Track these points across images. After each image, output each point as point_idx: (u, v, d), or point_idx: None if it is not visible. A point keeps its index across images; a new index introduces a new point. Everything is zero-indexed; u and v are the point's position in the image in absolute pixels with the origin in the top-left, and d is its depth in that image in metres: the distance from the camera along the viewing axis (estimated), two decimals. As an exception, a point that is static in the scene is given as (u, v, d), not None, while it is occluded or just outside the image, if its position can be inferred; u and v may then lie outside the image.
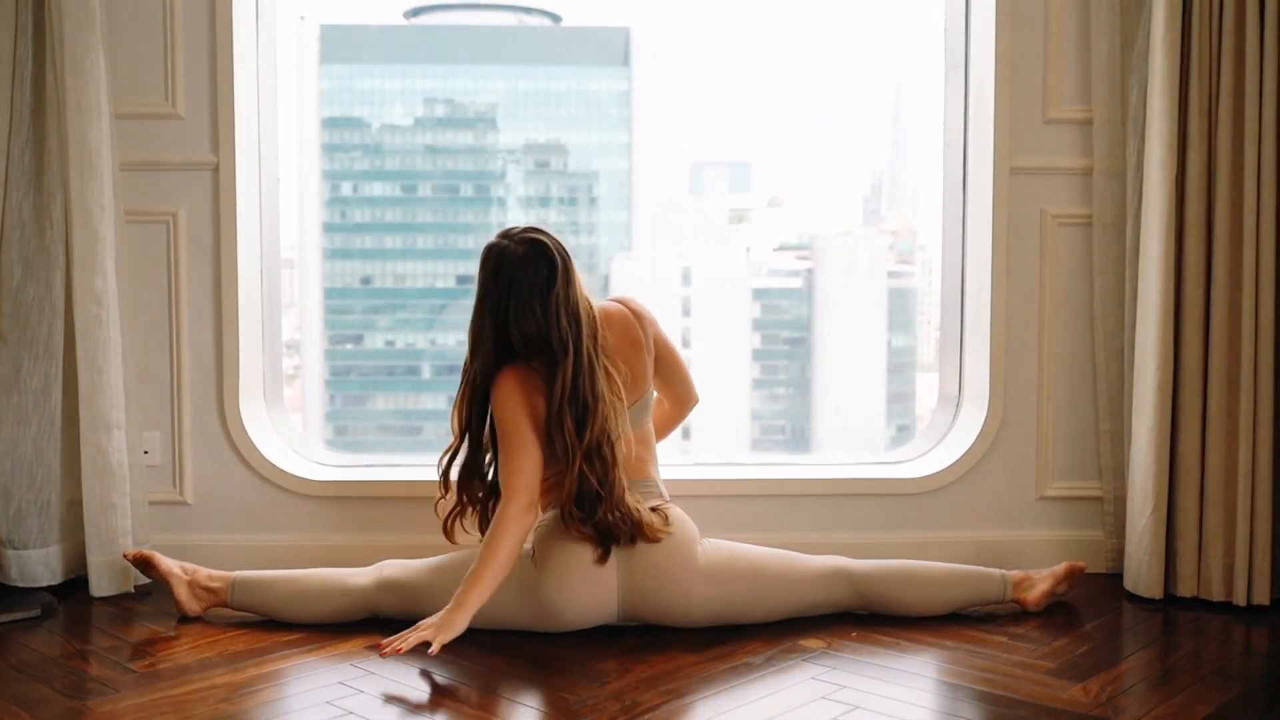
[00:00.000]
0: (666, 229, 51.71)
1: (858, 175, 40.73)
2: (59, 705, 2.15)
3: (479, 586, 2.39)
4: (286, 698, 2.21)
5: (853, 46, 50.62)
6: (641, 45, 52.47)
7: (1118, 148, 2.97)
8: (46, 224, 2.86)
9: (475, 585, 2.39)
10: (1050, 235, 3.07)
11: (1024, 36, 3.04)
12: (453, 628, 2.35)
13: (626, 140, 53.29)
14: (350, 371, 52.43)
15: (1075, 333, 3.09)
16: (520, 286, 2.48)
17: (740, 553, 2.60)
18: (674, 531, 2.52)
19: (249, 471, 3.08)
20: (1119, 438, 3.02)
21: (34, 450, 2.87)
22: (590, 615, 2.53)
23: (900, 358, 48.31)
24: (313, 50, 52.21)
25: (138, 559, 2.73)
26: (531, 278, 2.48)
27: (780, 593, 2.60)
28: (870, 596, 2.65)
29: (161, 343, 3.06)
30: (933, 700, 2.22)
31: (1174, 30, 2.77)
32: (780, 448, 45.43)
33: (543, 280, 2.48)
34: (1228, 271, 2.77)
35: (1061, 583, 2.75)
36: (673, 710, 2.13)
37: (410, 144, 53.25)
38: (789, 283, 49.30)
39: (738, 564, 2.58)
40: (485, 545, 2.44)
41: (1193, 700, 2.18)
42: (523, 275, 2.48)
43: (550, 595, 2.49)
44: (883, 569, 2.68)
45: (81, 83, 2.79)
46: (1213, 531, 2.79)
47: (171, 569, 2.68)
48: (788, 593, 2.60)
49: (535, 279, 2.48)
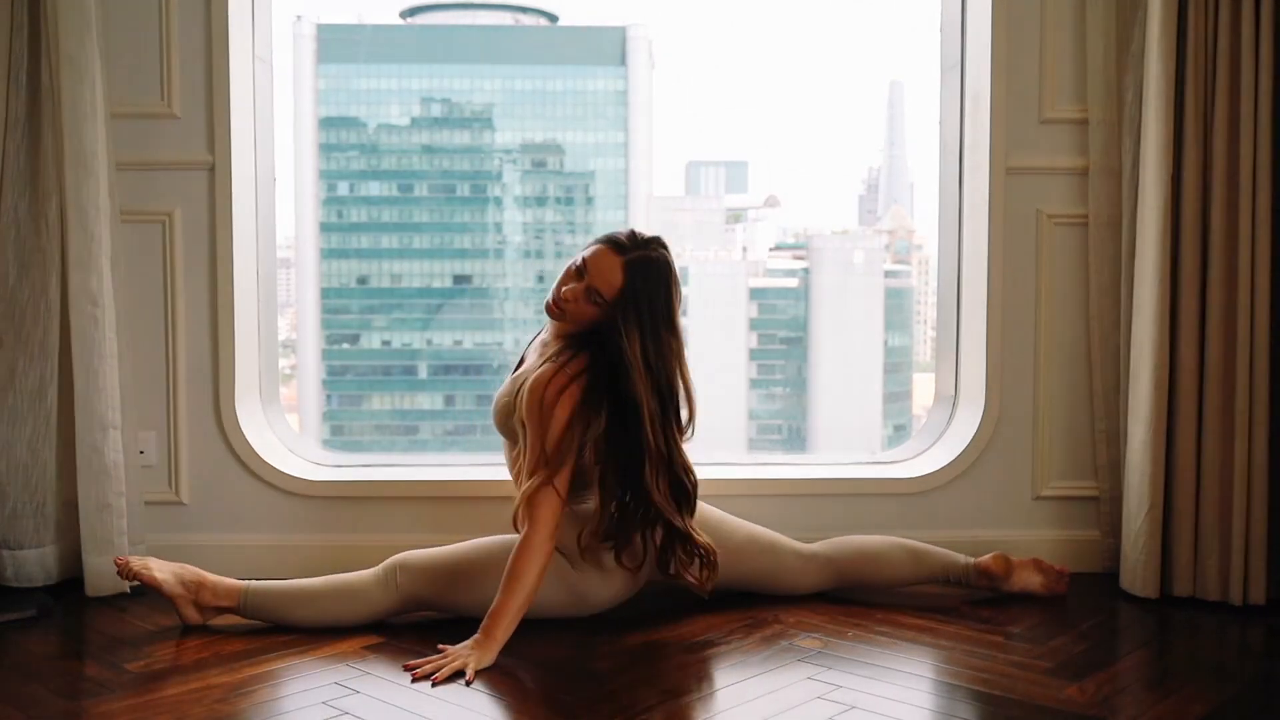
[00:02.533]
0: (663, 228, 51.20)
1: (854, 175, 40.57)
2: (54, 706, 2.15)
3: (507, 619, 2.36)
4: (282, 698, 2.21)
5: (849, 46, 50.64)
6: (638, 45, 52.35)
7: (1113, 148, 2.98)
8: (42, 224, 2.85)
9: (503, 618, 2.36)
10: (1046, 235, 3.08)
11: (1020, 36, 3.04)
12: (487, 657, 2.32)
13: (623, 140, 53.17)
14: (347, 371, 52.20)
15: (1071, 332, 3.09)
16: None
17: (731, 521, 2.77)
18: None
19: (245, 472, 3.08)
20: (1115, 437, 3.03)
21: (29, 451, 2.86)
22: (624, 598, 2.63)
23: (897, 357, 48.25)
24: (309, 50, 52.03)
25: (134, 575, 2.57)
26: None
27: (765, 560, 2.74)
28: (850, 576, 2.80)
29: (157, 343, 3.05)
30: (929, 700, 2.23)
31: (1169, 30, 2.77)
32: (777, 447, 45.49)
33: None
34: (1223, 271, 2.77)
35: (1039, 573, 2.84)
36: (670, 710, 2.13)
37: (407, 143, 53.04)
38: (786, 282, 49.22)
39: (726, 525, 2.74)
40: (511, 576, 2.38)
41: (1188, 700, 2.18)
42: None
43: (593, 591, 2.55)
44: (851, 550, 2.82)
45: (77, 82, 2.78)
46: (1209, 531, 2.79)
47: (175, 590, 2.56)
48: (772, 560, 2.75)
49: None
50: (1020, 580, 2.82)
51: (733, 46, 48.36)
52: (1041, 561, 2.86)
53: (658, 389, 2.44)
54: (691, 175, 57.83)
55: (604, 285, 2.44)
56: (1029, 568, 2.84)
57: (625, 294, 2.44)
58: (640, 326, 2.43)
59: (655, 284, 2.45)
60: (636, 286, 2.44)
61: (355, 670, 2.32)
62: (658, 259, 2.47)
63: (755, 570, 2.74)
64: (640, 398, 2.41)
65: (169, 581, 2.57)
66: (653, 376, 2.43)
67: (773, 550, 2.76)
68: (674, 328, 2.48)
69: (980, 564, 2.81)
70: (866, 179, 55.20)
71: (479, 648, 2.33)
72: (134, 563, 2.58)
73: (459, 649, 2.34)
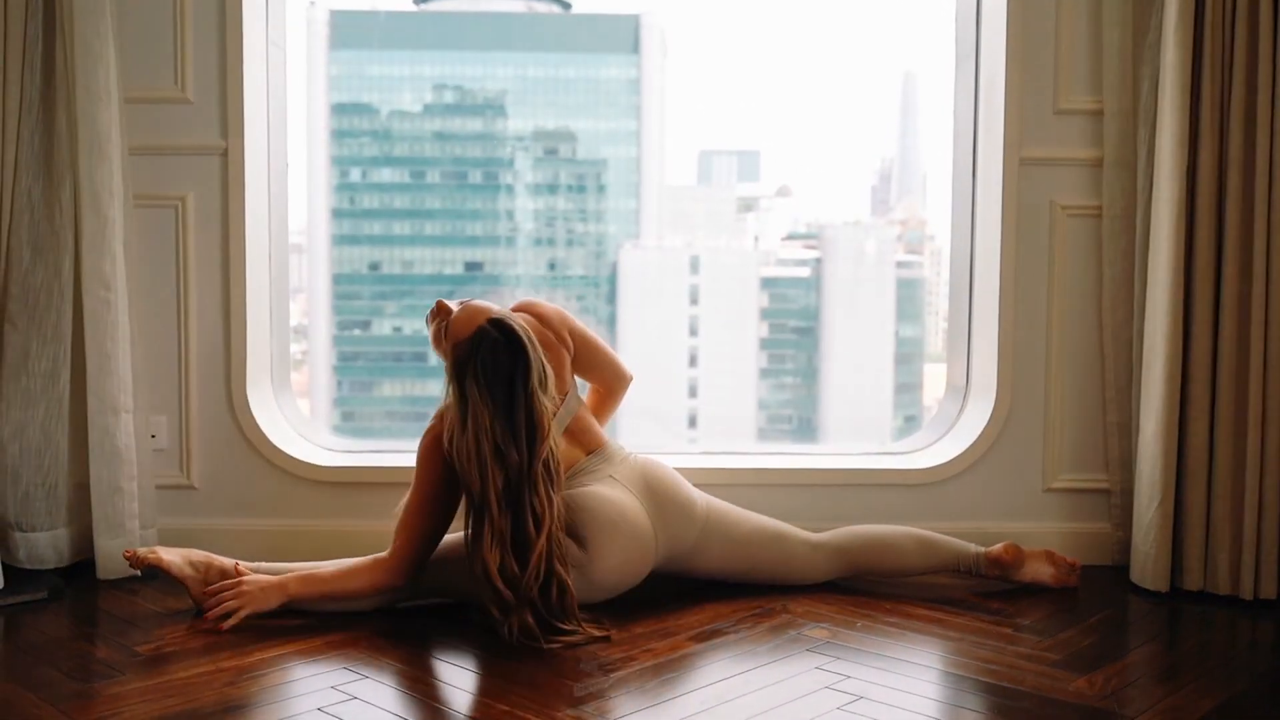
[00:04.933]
0: (675, 217, 51.46)
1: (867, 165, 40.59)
2: (66, 687, 2.16)
3: (312, 592, 2.52)
4: (293, 681, 2.21)
5: (863, 35, 50.42)
6: (651, 32, 52.22)
7: (1128, 138, 2.96)
8: (56, 208, 2.86)
9: (312, 589, 2.52)
10: (1060, 226, 3.06)
11: (1035, 26, 3.03)
12: (265, 604, 2.48)
13: (635, 128, 53.11)
14: (358, 357, 52.36)
15: (1084, 324, 3.08)
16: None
17: (738, 511, 2.77)
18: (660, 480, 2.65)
19: (256, 456, 3.09)
20: (1127, 430, 3.02)
21: (42, 433, 2.88)
22: (636, 581, 2.63)
23: (908, 348, 48.14)
24: (322, 36, 51.98)
25: (143, 563, 2.61)
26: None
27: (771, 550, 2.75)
28: (860, 565, 2.80)
29: (169, 327, 3.06)
30: (937, 691, 2.22)
31: (1186, 20, 2.75)
32: (787, 437, 45.43)
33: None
34: (1238, 264, 2.75)
35: (1049, 565, 2.84)
36: (676, 699, 2.13)
37: (419, 130, 53.07)
38: (797, 272, 49.16)
39: (733, 514, 2.75)
40: (347, 572, 2.53)
41: (1198, 694, 2.18)
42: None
43: (605, 577, 2.55)
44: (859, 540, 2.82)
45: (91, 66, 2.79)
46: (1220, 525, 2.78)
47: (184, 571, 2.60)
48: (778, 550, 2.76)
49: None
50: (1031, 571, 2.82)
51: (746, 35, 48.48)
52: (1054, 553, 2.85)
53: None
54: (704, 164, 57.73)
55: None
56: (1040, 558, 2.84)
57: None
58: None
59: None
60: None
61: (364, 653, 2.33)
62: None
63: (764, 560, 2.74)
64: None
65: (177, 564, 2.60)
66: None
67: (780, 540, 2.76)
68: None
69: (991, 553, 2.81)
70: (879, 169, 55.02)
71: (266, 593, 2.49)
72: (141, 550, 2.62)
73: (250, 583, 2.49)
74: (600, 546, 2.52)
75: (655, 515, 2.62)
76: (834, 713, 2.07)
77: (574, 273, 46.44)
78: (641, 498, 2.61)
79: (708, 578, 2.76)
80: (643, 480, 2.64)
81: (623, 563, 2.56)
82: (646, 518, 2.60)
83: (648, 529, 2.59)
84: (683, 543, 2.67)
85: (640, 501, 2.60)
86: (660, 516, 2.62)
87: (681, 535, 2.66)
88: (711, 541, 2.70)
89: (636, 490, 2.62)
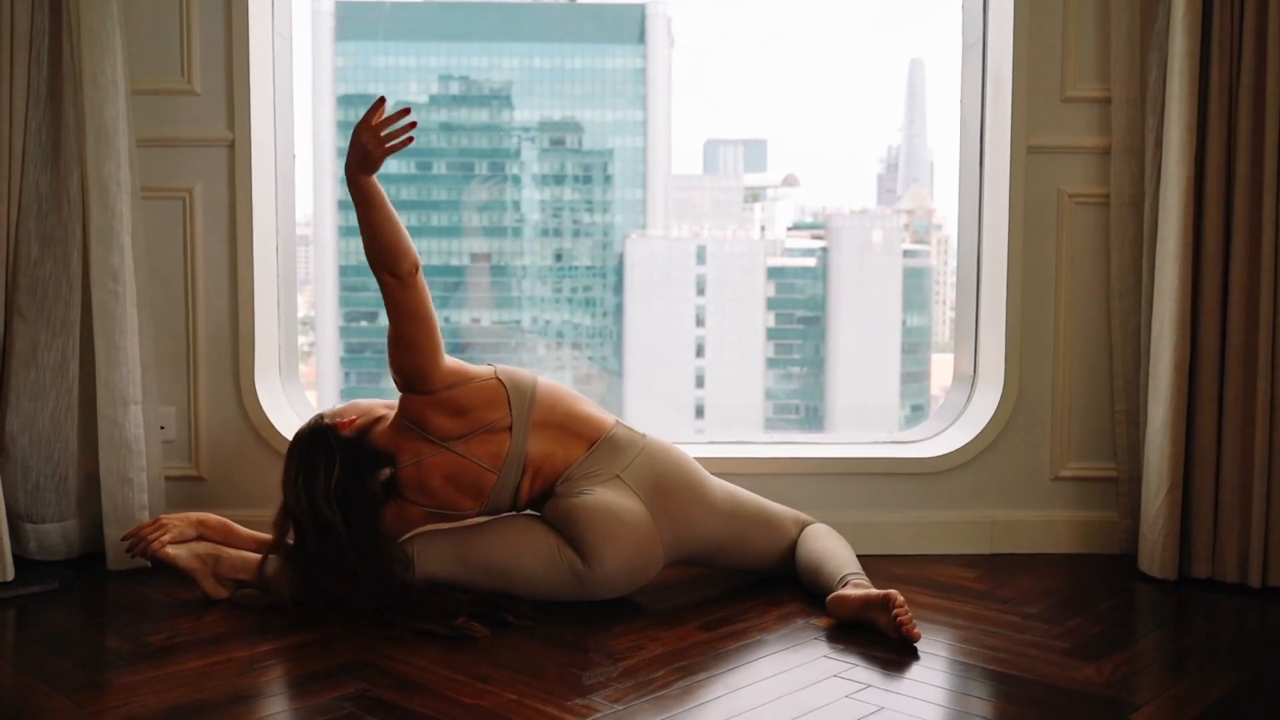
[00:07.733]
0: (681, 207, 51.42)
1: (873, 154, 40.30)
2: (76, 678, 2.17)
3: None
4: (302, 672, 2.22)
5: (870, 24, 50.21)
6: (657, 22, 52.10)
7: (1136, 126, 2.95)
8: (63, 200, 2.87)
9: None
10: (1067, 215, 3.06)
11: (1042, 14, 3.02)
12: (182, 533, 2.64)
13: (641, 118, 52.98)
14: (364, 349, 52.45)
15: (1091, 313, 3.08)
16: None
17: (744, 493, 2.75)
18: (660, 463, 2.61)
19: (264, 447, 3.10)
20: (1134, 418, 3.01)
21: (51, 425, 2.89)
22: (647, 580, 2.61)
23: (915, 337, 48.08)
24: (328, 27, 52.02)
25: (152, 557, 2.62)
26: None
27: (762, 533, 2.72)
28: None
29: (178, 319, 3.07)
30: (945, 679, 2.23)
31: (1194, 7, 2.74)
32: (794, 427, 45.44)
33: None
34: (1246, 252, 2.75)
35: (872, 608, 2.41)
36: (684, 688, 2.14)
37: (425, 121, 53.00)
38: (804, 261, 49.05)
39: (742, 494, 2.73)
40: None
41: (1206, 682, 2.18)
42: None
43: (610, 583, 2.54)
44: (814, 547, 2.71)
45: (98, 58, 2.79)
46: (1228, 513, 2.78)
47: (191, 564, 2.60)
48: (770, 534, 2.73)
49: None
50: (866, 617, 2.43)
51: (752, 24, 48.16)
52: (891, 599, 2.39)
53: None
54: (710, 154, 57.57)
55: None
56: (875, 606, 2.41)
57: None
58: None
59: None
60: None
61: (372, 645, 2.33)
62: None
63: (753, 550, 2.72)
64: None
65: (182, 556, 2.60)
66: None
67: (768, 523, 2.73)
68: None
69: (834, 595, 2.51)
70: (886, 158, 54.94)
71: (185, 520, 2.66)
72: (145, 530, 2.63)
73: (173, 520, 2.64)
74: (600, 559, 2.50)
75: (662, 515, 2.56)
76: (843, 701, 2.07)
77: (580, 263, 46.43)
78: (648, 497, 2.56)
79: (743, 570, 2.76)
80: (651, 476, 2.58)
81: (627, 570, 2.53)
82: (651, 522, 2.55)
83: (651, 533, 2.55)
84: (699, 537, 2.63)
85: (645, 502, 2.55)
86: (667, 515, 2.57)
87: (695, 531, 2.62)
88: (744, 530, 2.68)
89: (643, 490, 2.56)
